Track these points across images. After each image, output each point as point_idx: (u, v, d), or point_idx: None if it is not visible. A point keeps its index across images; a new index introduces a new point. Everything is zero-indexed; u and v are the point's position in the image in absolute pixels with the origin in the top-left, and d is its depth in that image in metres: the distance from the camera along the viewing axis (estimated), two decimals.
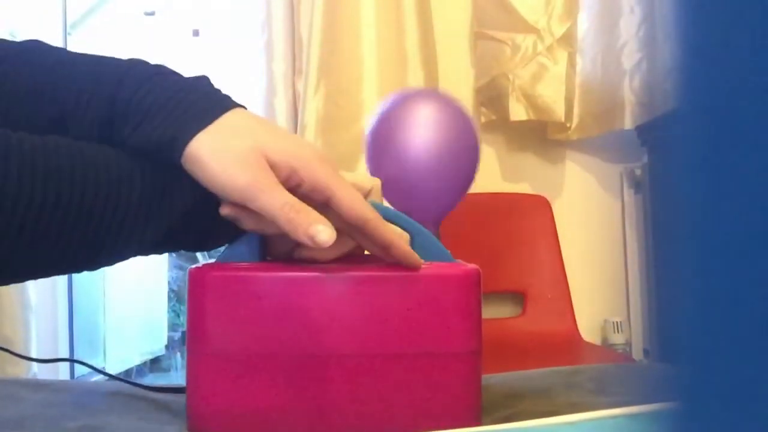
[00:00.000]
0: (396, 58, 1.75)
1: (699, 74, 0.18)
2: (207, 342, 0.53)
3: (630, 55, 1.78)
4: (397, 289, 0.53)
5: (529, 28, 1.80)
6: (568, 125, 1.83)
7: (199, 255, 3.41)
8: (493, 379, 0.65)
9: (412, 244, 0.56)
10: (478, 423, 0.54)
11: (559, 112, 1.78)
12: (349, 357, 0.52)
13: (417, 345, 0.53)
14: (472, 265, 0.55)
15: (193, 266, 0.55)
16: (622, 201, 1.94)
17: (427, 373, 0.53)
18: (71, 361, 1.51)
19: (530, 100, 1.79)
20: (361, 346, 0.52)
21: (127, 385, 0.66)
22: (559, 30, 1.79)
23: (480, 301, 0.54)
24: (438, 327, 0.53)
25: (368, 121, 1.04)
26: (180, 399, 0.58)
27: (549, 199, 1.87)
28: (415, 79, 1.75)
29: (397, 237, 0.50)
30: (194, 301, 0.54)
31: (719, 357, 0.17)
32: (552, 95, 1.78)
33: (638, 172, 1.87)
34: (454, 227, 1.35)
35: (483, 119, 1.90)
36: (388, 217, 0.57)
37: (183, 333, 2.95)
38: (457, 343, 0.53)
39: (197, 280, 0.54)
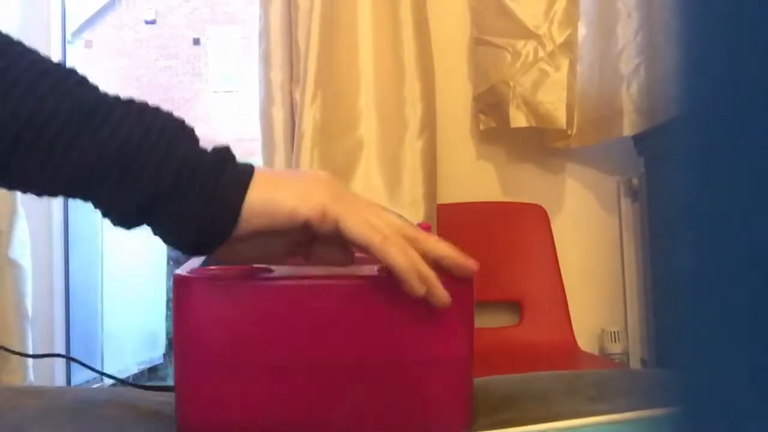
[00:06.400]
0: (393, 67, 1.75)
1: (700, 81, 0.18)
2: (193, 347, 0.52)
3: (628, 61, 1.76)
4: (386, 296, 0.52)
5: (529, 34, 1.77)
6: (569, 132, 1.81)
7: None
8: (492, 381, 0.65)
9: None
10: (468, 428, 0.54)
11: (561, 119, 1.75)
12: (337, 364, 0.52)
13: (407, 351, 0.52)
14: None
15: (178, 271, 0.54)
16: (620, 211, 1.93)
17: (417, 378, 0.52)
18: (67, 358, 1.50)
19: (531, 107, 1.77)
20: (349, 353, 0.52)
21: (125, 391, 0.66)
22: (560, 36, 1.77)
23: (473, 307, 0.54)
24: (429, 333, 0.52)
25: None
26: None
27: (546, 208, 1.87)
28: (412, 87, 1.75)
29: (409, 259, 0.49)
30: (180, 307, 0.53)
31: (718, 362, 0.17)
32: (554, 102, 1.75)
33: (635, 181, 1.87)
34: (451, 236, 1.35)
35: (482, 127, 1.89)
36: None
37: None
38: (449, 349, 0.53)
39: (183, 286, 0.53)
